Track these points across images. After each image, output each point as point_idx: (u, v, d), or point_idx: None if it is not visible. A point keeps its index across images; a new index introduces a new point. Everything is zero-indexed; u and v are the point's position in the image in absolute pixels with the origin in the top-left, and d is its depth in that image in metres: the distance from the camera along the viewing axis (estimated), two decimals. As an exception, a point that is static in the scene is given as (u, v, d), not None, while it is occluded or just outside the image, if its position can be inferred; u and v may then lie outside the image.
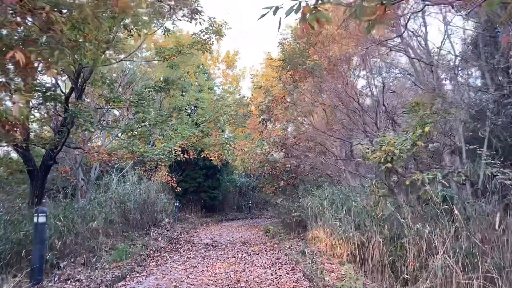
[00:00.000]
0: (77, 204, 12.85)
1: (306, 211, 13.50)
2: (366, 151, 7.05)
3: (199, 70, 24.35)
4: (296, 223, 15.30)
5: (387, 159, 6.48)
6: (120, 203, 14.48)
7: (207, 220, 23.88)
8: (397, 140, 6.71)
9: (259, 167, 16.81)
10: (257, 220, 26.62)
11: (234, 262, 10.88)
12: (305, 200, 13.73)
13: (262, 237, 17.33)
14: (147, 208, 16.14)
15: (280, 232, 16.26)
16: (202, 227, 21.43)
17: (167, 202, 18.36)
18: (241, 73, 30.87)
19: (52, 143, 10.77)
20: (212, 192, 25.52)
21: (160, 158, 11.05)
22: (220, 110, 12.51)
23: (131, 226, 14.53)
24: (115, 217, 13.17)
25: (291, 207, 15.00)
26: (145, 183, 16.98)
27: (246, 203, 30.39)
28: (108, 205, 13.61)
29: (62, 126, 10.88)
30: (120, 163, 17.67)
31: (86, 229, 10.11)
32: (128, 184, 16.11)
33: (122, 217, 14.20)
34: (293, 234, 14.92)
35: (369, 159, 6.98)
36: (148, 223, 16.03)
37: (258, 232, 19.09)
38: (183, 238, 16.21)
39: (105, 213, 12.24)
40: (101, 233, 10.81)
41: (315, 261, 9.47)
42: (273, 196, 18.53)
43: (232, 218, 27.31)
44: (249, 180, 31.30)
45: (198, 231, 19.30)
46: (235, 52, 30.40)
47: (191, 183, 24.44)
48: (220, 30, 10.47)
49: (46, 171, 11.70)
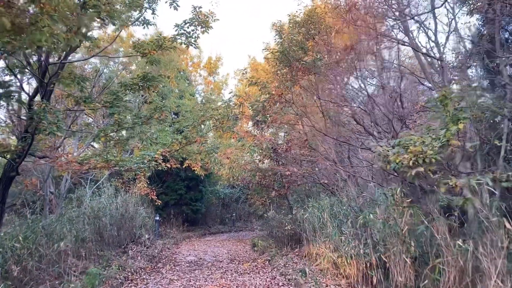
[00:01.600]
0: (44, 220, 11.38)
1: (301, 224, 12.31)
2: (386, 154, 5.90)
3: (180, 75, 23.12)
4: (289, 237, 14.09)
5: (417, 162, 5.34)
6: (94, 219, 13.10)
7: (189, 235, 22.53)
8: (426, 139, 5.59)
9: (249, 176, 15.54)
10: (241, 233, 25.69)
11: (224, 285, 9.58)
12: (300, 212, 12.54)
13: (250, 252, 16.12)
14: (124, 224, 14.88)
15: (271, 247, 15.00)
16: (185, 242, 20.06)
17: (146, 216, 17.09)
18: (223, 80, 29.69)
19: (14, 151, 9.33)
20: (194, 204, 24.20)
21: (139, 168, 9.69)
22: (205, 113, 11.24)
23: (106, 244, 13.16)
24: (88, 234, 11.79)
25: (284, 219, 13.76)
26: (122, 196, 15.71)
27: (230, 215, 29.25)
28: (80, 221, 12.18)
29: (25, 132, 9.46)
30: (95, 174, 16.35)
31: (53, 251, 8.66)
32: (104, 198, 14.80)
33: (97, 234, 12.85)
34: (286, 250, 13.68)
35: (391, 163, 5.82)
36: (125, 240, 14.71)
37: (245, 247, 17.92)
38: (165, 255, 14.80)
39: (76, 231, 10.80)
40: (70, 254, 9.37)
41: (319, 282, 8.25)
42: (262, 208, 17.25)
43: (216, 232, 26.12)
44: (232, 191, 30.20)
45: (181, 247, 17.90)
46: (217, 58, 29.23)
47: (172, 195, 23.10)
48: (206, 21, 9.28)
49: (8, 184, 10.17)
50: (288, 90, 10.07)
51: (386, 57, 9.45)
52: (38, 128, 7.69)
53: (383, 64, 9.18)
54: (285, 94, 10.03)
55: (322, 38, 9.67)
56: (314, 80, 9.99)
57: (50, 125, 7.47)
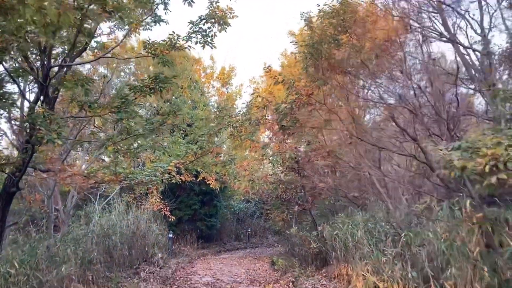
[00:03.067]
0: (49, 240, 10.45)
1: (328, 242, 11.19)
2: (451, 159, 4.82)
3: (193, 85, 22.33)
4: (313, 255, 12.93)
5: (495, 167, 4.26)
6: (104, 237, 12.15)
7: (204, 252, 21.51)
8: (502, 140, 4.51)
9: (270, 189, 14.43)
10: (258, 250, 24.82)
11: (247, 312, 8.48)
12: (327, 229, 11.42)
13: (270, 271, 15.02)
14: (136, 242, 14.02)
15: (293, 266, 13.84)
16: (200, 260, 19.00)
17: (159, 233, 16.17)
18: (237, 91, 28.78)
19: (13, 163, 8.45)
20: (209, 220, 23.21)
21: (151, 181, 8.72)
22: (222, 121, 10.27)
23: (116, 265, 12.21)
24: (96, 255, 10.80)
25: (308, 237, 12.62)
26: (134, 212, 14.79)
27: (245, 231, 28.33)
28: (88, 240, 11.23)
29: (27, 143, 8.57)
30: (105, 189, 15.48)
31: (54, 276, 7.64)
32: (114, 214, 13.84)
33: (106, 254, 11.94)
34: (311, 269, 12.49)
35: (456, 169, 4.75)
36: (137, 259, 13.78)
37: (264, 265, 16.85)
38: (179, 276, 13.74)
39: (83, 252, 9.81)
40: (75, 279, 8.34)
41: (360, 311, 7.11)
42: (283, 224, 16.06)
43: (231, 249, 25.18)
44: (247, 206, 29.25)
45: (196, 265, 16.83)
46: (230, 68, 28.37)
47: (186, 210, 22.14)
48: (224, 17, 8.35)
49: (8, 200, 9.26)
50: (318, 90, 9.01)
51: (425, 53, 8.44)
52: (36, 136, 6.76)
53: (431, 58, 8.16)
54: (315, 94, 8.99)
55: (356, 31, 8.63)
56: (345, 79, 8.94)
57: (49, 133, 6.52)
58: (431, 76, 8.00)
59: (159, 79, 7.57)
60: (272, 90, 14.15)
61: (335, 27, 8.42)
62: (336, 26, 8.38)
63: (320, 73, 8.54)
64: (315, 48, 8.35)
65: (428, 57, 8.22)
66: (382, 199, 9.71)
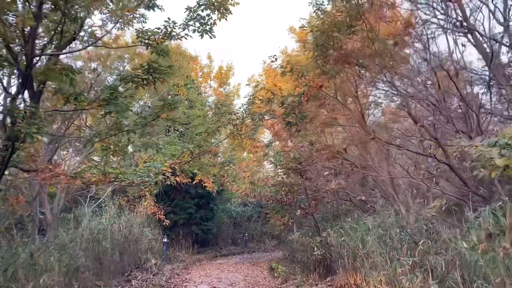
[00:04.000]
0: (33, 245, 9.68)
1: (334, 248, 10.48)
2: (491, 156, 4.12)
3: (190, 83, 21.60)
4: (316, 262, 12.21)
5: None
6: (93, 242, 11.39)
7: (200, 257, 20.75)
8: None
9: (273, 191, 13.69)
10: (255, 255, 24.13)
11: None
12: (332, 234, 10.70)
13: (269, 278, 14.33)
14: (128, 247, 13.44)
15: (294, 274, 13.12)
16: (195, 266, 18.27)
17: (153, 238, 15.47)
18: (234, 91, 28.04)
19: (-9, 162, 7.67)
20: (205, 224, 22.46)
21: (143, 182, 7.97)
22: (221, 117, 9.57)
23: (106, 272, 11.46)
24: (84, 261, 10.04)
25: (311, 243, 11.91)
26: (126, 215, 14.07)
27: (242, 235, 27.68)
28: (76, 246, 10.46)
29: (7, 139, 7.82)
30: (95, 191, 14.77)
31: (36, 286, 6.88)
32: (105, 218, 13.11)
33: (95, 261, 11.14)
34: (313, 277, 11.78)
35: (497, 169, 4.05)
36: (129, 266, 13.21)
37: (262, 272, 16.19)
38: (174, 284, 12.99)
39: (69, 259, 9.03)
40: (58, 290, 7.57)
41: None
42: (284, 229, 15.32)
43: (227, 254, 24.49)
44: (244, 209, 28.58)
45: (191, 272, 16.08)
46: (228, 67, 27.62)
47: (181, 214, 21.34)
48: (225, 2, 7.63)
49: (-13, 202, 8.57)
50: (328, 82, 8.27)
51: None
52: (13, 130, 6.01)
53: (457, 45, 7.48)
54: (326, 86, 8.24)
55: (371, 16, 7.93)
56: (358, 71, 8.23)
57: (28, 127, 5.77)
58: (457, 65, 7.34)
59: (153, 68, 6.85)
60: (275, 82, 13.42)
61: (348, 12, 7.71)
62: (350, 11, 7.67)
63: (332, 64, 7.82)
64: (326, 35, 7.61)
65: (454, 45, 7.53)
66: (392, 203, 8.99)
